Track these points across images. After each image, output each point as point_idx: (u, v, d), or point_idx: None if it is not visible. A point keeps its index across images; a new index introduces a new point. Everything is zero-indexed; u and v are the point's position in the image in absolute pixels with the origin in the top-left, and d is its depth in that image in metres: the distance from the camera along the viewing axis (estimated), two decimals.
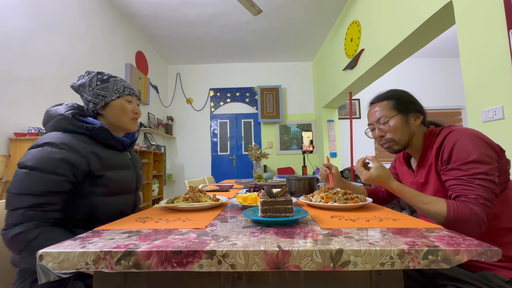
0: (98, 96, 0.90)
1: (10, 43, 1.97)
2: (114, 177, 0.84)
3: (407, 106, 0.88)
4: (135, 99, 0.98)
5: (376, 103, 0.93)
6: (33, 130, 2.01)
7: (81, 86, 0.91)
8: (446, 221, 0.70)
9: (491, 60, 1.42)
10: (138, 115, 0.98)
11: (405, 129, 0.87)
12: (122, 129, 0.95)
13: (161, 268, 0.45)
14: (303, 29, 3.98)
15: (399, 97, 0.90)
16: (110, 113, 0.92)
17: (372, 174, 0.86)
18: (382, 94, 0.94)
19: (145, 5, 3.33)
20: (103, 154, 0.85)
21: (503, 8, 1.33)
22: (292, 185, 1.18)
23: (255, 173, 1.86)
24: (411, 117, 0.88)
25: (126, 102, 0.94)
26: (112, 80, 0.93)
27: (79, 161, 0.77)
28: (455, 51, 4.69)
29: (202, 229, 0.61)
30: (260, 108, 4.95)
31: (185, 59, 4.93)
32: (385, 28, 2.53)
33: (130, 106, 0.95)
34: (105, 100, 0.90)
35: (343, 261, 0.44)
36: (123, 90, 0.93)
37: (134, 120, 0.97)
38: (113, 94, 0.91)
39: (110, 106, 0.91)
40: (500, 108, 1.35)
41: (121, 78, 0.97)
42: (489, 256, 0.44)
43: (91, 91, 0.90)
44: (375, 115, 0.92)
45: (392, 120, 0.88)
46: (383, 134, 0.92)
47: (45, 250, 0.47)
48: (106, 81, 0.92)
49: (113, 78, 0.94)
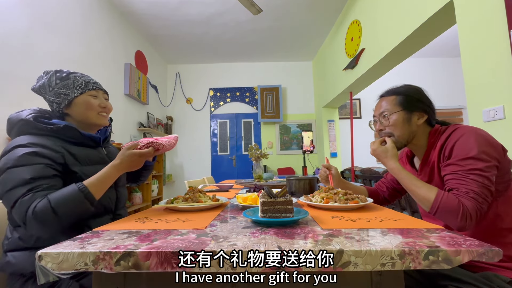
0: (60, 95, 0.87)
1: (9, 43, 1.97)
2: (89, 172, 0.82)
3: (413, 104, 0.87)
4: (101, 93, 0.95)
5: (385, 97, 0.93)
6: None
7: (41, 87, 0.89)
8: (432, 208, 0.72)
9: (492, 59, 1.41)
10: (106, 109, 0.94)
11: (405, 127, 0.87)
12: (91, 125, 0.93)
13: (161, 268, 0.45)
14: (303, 28, 3.97)
15: (408, 94, 0.89)
16: (75, 111, 0.89)
17: (383, 147, 0.88)
18: (393, 89, 0.93)
19: (144, 5, 3.32)
20: (75, 151, 0.84)
21: (504, 8, 1.33)
22: (292, 185, 1.18)
23: (255, 173, 1.85)
24: (415, 115, 0.87)
25: (91, 97, 0.90)
26: (72, 77, 0.89)
27: (54, 155, 0.77)
28: (456, 51, 4.68)
29: (202, 229, 0.60)
30: (260, 108, 4.95)
31: (185, 58, 4.93)
32: (386, 27, 2.53)
33: (95, 101, 0.91)
34: (68, 98, 0.87)
35: (343, 261, 0.44)
36: (85, 86, 0.90)
37: (102, 115, 0.94)
38: (75, 91, 0.88)
39: (74, 104, 0.88)
40: (501, 108, 1.35)
41: (81, 74, 0.93)
42: (490, 257, 0.44)
43: (51, 91, 0.87)
44: (380, 109, 0.92)
45: (393, 116, 0.88)
46: (382, 128, 0.92)
47: (45, 251, 0.47)
48: (65, 78, 0.88)
49: (73, 74, 0.91)
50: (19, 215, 0.69)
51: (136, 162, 0.85)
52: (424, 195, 0.74)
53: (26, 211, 0.68)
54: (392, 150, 0.86)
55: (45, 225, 0.69)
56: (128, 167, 0.84)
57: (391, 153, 0.86)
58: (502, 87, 1.35)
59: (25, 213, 0.68)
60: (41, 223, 0.68)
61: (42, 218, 0.68)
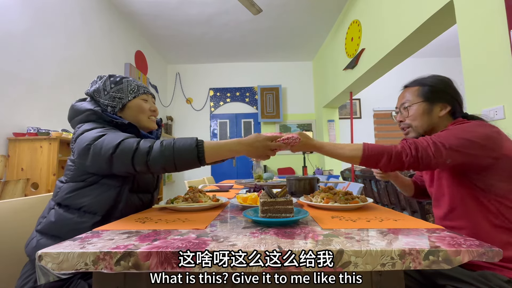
0: (114, 99, 0.90)
1: (9, 43, 1.97)
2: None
3: (436, 95, 0.85)
4: (150, 97, 0.99)
5: (408, 88, 0.91)
6: (32, 130, 2.01)
7: (96, 91, 0.91)
8: (363, 155, 0.77)
9: (492, 59, 1.41)
10: (155, 113, 0.98)
11: (425, 118, 0.85)
12: (142, 128, 0.95)
13: (161, 268, 0.45)
14: (304, 28, 3.97)
15: (432, 85, 0.86)
16: (128, 114, 0.92)
17: (301, 137, 0.87)
18: (418, 79, 0.91)
19: (144, 4, 3.32)
20: None
21: (504, 8, 1.33)
22: (292, 185, 1.18)
23: (255, 173, 1.85)
24: (437, 107, 0.85)
25: (142, 101, 0.94)
26: (125, 81, 0.93)
27: None
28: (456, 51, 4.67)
29: (202, 229, 0.60)
30: (260, 108, 4.95)
31: (185, 58, 4.93)
32: (386, 27, 2.53)
33: (146, 105, 0.95)
34: (122, 102, 0.91)
35: (343, 261, 0.44)
36: (137, 90, 0.93)
37: (152, 119, 0.97)
38: (129, 95, 0.91)
39: (128, 108, 0.92)
40: (501, 108, 1.35)
41: (133, 78, 0.97)
42: (490, 257, 0.44)
43: (106, 95, 0.90)
44: (402, 99, 0.92)
45: (413, 107, 0.87)
46: (402, 119, 0.91)
47: (44, 251, 0.46)
48: (119, 82, 0.92)
49: (126, 78, 0.94)
50: (129, 147, 0.70)
51: (263, 154, 0.81)
52: (352, 147, 0.80)
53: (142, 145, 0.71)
54: (306, 134, 0.88)
55: (163, 158, 0.70)
56: (253, 154, 0.80)
57: (307, 136, 0.87)
58: (502, 87, 1.35)
59: (138, 145, 0.70)
60: (162, 157, 0.70)
61: (164, 151, 0.70)
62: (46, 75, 2.30)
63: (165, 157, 0.70)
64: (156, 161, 0.70)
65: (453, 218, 0.80)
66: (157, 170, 0.72)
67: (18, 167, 1.95)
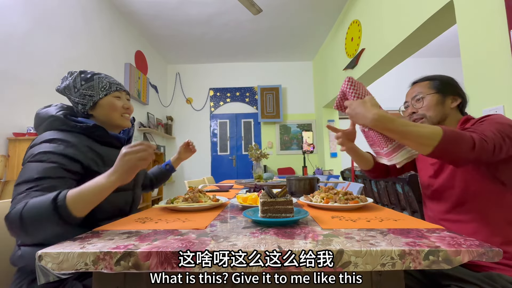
0: (85, 97, 0.87)
1: (9, 43, 1.97)
2: None
3: (446, 87, 0.88)
4: (124, 94, 0.95)
5: (418, 83, 0.95)
6: (32, 130, 2.01)
7: (66, 88, 0.89)
8: (443, 136, 0.64)
9: (492, 59, 1.41)
10: (129, 111, 0.95)
11: (439, 109, 0.88)
12: (114, 126, 0.93)
13: (161, 268, 0.45)
14: (303, 28, 3.97)
15: (441, 78, 0.91)
16: (100, 112, 0.89)
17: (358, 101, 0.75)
18: (427, 76, 0.95)
19: (144, 4, 3.32)
20: (101, 150, 0.84)
21: (504, 8, 1.33)
22: (292, 185, 1.18)
23: (255, 173, 1.85)
24: (449, 98, 0.88)
25: (115, 98, 0.91)
26: (97, 78, 0.89)
27: (77, 155, 0.76)
28: (456, 51, 4.68)
29: (202, 229, 0.60)
30: (260, 108, 4.95)
31: (185, 58, 4.93)
32: (386, 27, 2.53)
33: (119, 102, 0.91)
34: (93, 99, 0.87)
35: (343, 261, 0.44)
36: (109, 87, 0.90)
37: (125, 116, 0.94)
38: (100, 93, 0.88)
39: (99, 105, 0.88)
40: (501, 108, 1.35)
41: (105, 75, 0.93)
42: (490, 257, 0.44)
43: (77, 92, 0.87)
44: (413, 93, 0.94)
45: (427, 97, 0.89)
46: (415, 111, 0.92)
47: (45, 251, 0.46)
48: (90, 79, 0.88)
49: (97, 75, 0.90)
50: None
51: (133, 166, 0.64)
52: (431, 129, 0.66)
53: (9, 211, 0.62)
54: (371, 100, 0.74)
55: (14, 232, 0.61)
56: (122, 171, 0.64)
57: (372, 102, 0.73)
58: (502, 87, 1.35)
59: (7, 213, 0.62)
60: (11, 230, 0.61)
61: (11, 224, 0.61)
62: (46, 75, 2.30)
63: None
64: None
65: (461, 212, 0.79)
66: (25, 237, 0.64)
67: (18, 167, 1.94)
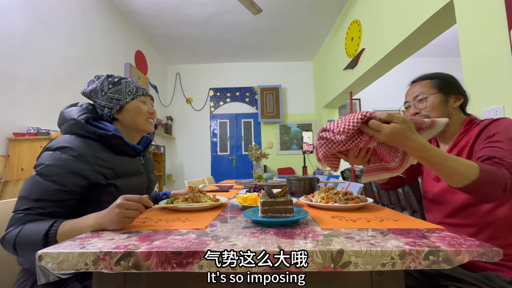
0: (112, 100, 0.88)
1: (9, 43, 1.97)
2: (122, 185, 0.82)
3: (448, 87, 0.86)
4: (149, 99, 0.96)
5: (417, 82, 0.92)
6: (32, 130, 2.01)
7: (93, 91, 0.89)
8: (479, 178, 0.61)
9: (491, 59, 1.41)
10: (153, 115, 0.96)
11: (442, 109, 0.85)
12: (138, 130, 0.94)
13: (161, 268, 0.45)
14: (304, 28, 3.97)
15: (441, 77, 0.88)
16: (125, 116, 0.90)
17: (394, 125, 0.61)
18: (425, 74, 0.92)
19: (144, 4, 3.32)
20: (114, 161, 0.83)
21: (504, 8, 1.33)
22: (292, 185, 1.18)
23: (255, 173, 1.85)
24: (451, 98, 0.86)
25: (141, 103, 0.92)
26: (124, 82, 0.91)
27: (85, 171, 0.75)
28: (456, 51, 4.68)
29: (202, 229, 0.60)
30: (260, 108, 4.95)
31: (185, 58, 4.93)
32: (386, 27, 2.53)
33: (145, 106, 0.93)
34: (120, 103, 0.88)
35: (343, 261, 0.44)
36: (136, 91, 0.91)
37: (149, 121, 0.95)
38: (127, 97, 0.89)
39: (125, 109, 0.89)
40: (501, 108, 1.35)
41: (131, 79, 0.95)
42: (490, 257, 0.44)
43: (104, 96, 0.88)
44: (413, 93, 0.91)
45: (430, 98, 0.86)
46: (418, 111, 0.90)
47: (45, 251, 0.46)
48: (117, 83, 0.89)
49: (124, 79, 0.92)
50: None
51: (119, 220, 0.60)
52: (467, 164, 0.63)
53: (5, 233, 0.66)
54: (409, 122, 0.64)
55: (12, 253, 0.65)
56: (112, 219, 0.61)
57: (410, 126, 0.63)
58: (502, 87, 1.35)
59: (13, 241, 0.64)
60: (6, 251, 0.65)
61: (6, 247, 0.65)
62: (46, 75, 2.30)
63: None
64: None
65: (461, 216, 0.79)
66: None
67: (18, 167, 1.95)
